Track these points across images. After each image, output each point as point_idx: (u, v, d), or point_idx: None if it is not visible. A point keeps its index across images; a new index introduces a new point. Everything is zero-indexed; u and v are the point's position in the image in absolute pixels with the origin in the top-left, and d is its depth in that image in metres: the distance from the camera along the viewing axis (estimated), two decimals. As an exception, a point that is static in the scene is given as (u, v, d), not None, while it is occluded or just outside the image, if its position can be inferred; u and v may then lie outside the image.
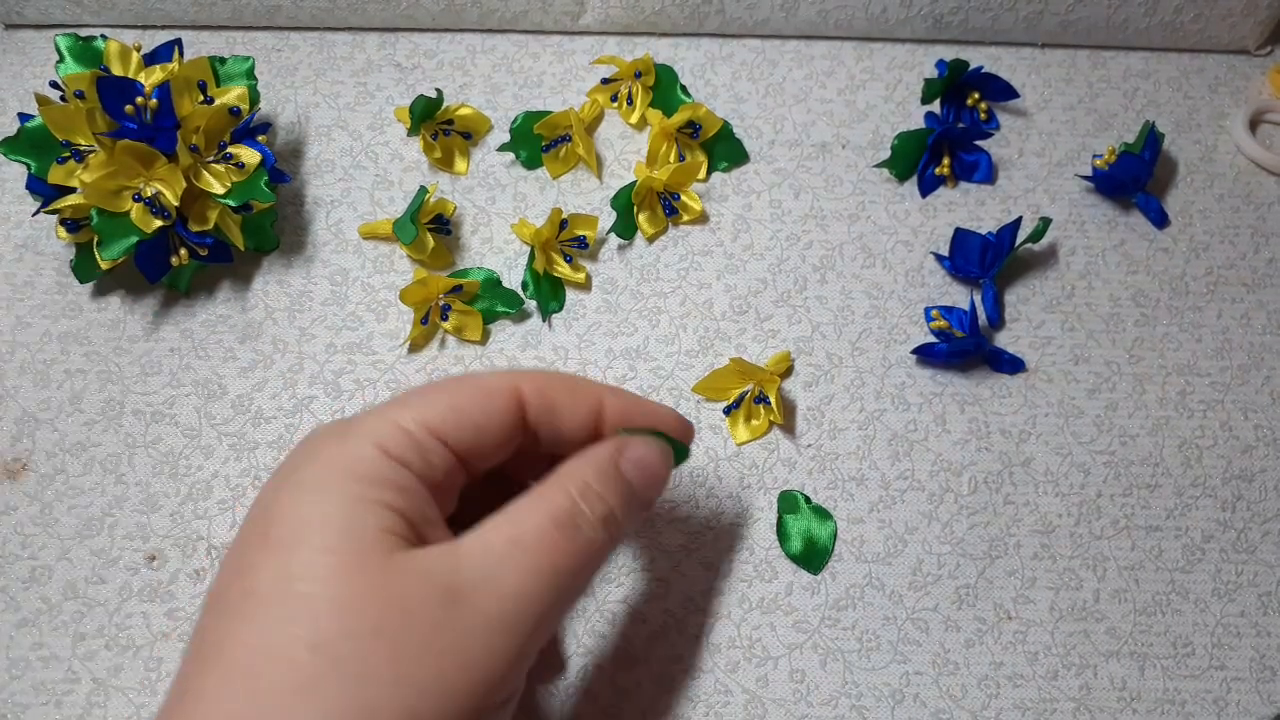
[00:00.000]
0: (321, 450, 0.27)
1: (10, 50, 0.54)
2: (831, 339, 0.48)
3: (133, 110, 0.43)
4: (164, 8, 0.54)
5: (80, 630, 0.42)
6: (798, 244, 0.50)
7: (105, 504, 0.44)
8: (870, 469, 0.46)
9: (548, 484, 0.29)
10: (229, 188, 0.45)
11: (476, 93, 0.54)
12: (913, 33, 0.55)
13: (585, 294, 0.49)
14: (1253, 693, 0.42)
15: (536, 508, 0.28)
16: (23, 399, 0.46)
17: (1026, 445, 0.46)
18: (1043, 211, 0.52)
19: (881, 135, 0.53)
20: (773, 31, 0.55)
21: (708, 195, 0.51)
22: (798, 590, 0.43)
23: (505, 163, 0.52)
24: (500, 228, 0.50)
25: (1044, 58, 0.56)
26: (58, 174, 0.44)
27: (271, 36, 0.55)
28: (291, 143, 0.52)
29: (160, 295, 0.48)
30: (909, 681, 0.42)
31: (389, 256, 0.50)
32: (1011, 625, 0.43)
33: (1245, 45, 0.56)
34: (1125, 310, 0.50)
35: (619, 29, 0.55)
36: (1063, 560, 0.44)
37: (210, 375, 0.47)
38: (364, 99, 0.53)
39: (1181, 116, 0.55)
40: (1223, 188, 0.53)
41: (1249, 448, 0.47)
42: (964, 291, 0.50)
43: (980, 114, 0.53)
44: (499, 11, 0.54)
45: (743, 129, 0.53)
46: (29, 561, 0.43)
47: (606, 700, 0.41)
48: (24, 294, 0.48)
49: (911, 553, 0.44)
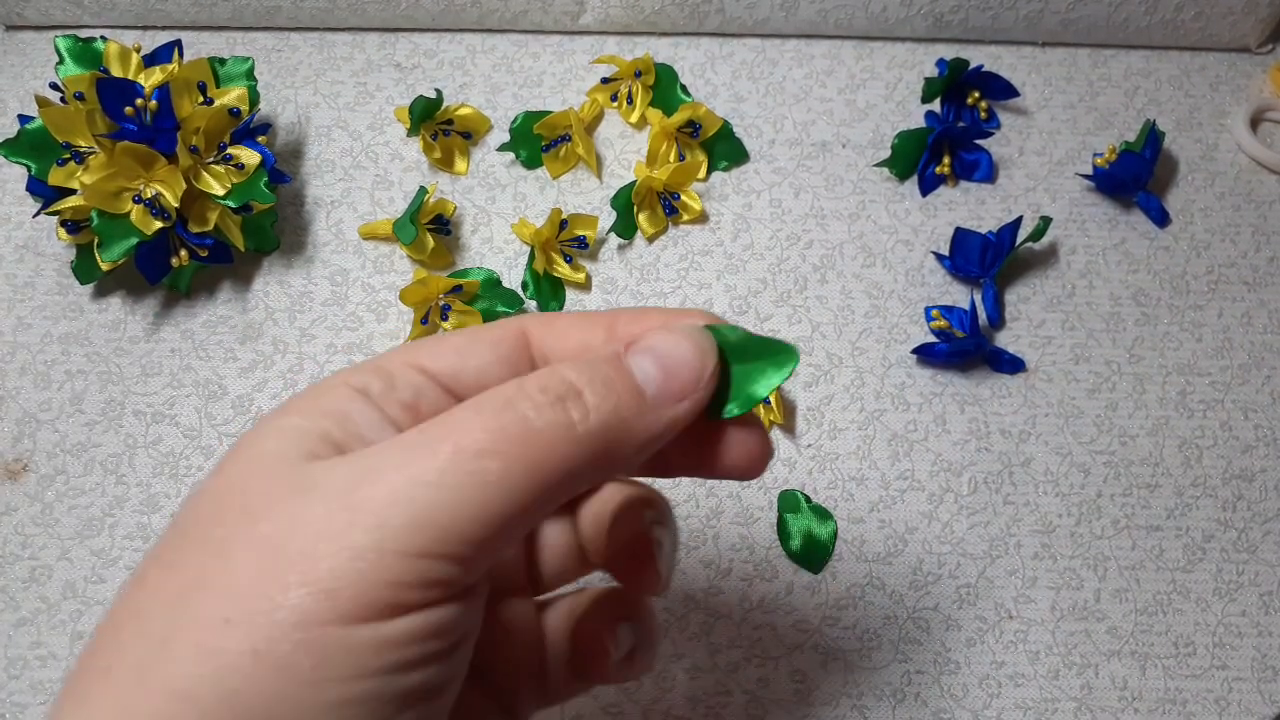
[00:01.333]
0: (299, 393, 0.25)
1: (10, 51, 0.54)
2: (831, 339, 0.48)
3: (133, 112, 0.44)
4: (164, 9, 0.54)
5: (78, 629, 0.42)
6: (798, 244, 0.50)
7: (106, 504, 0.44)
8: (870, 469, 0.46)
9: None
10: (229, 189, 0.45)
11: (476, 93, 0.54)
12: (913, 32, 0.55)
13: (585, 294, 0.49)
14: (1254, 692, 0.42)
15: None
16: (24, 400, 0.46)
17: (1026, 445, 0.46)
18: (1043, 210, 0.52)
19: (882, 134, 0.53)
20: (773, 31, 0.55)
21: (708, 195, 0.51)
22: (798, 589, 0.43)
23: (505, 162, 0.52)
24: (500, 228, 0.50)
25: (1044, 56, 0.56)
26: (58, 175, 0.44)
27: (271, 37, 0.55)
28: (291, 143, 0.52)
29: (161, 296, 0.48)
30: (910, 680, 0.42)
31: (389, 257, 0.50)
32: (1012, 624, 0.43)
33: (1246, 43, 0.56)
34: (1126, 309, 0.49)
35: (619, 29, 0.55)
36: (1063, 560, 0.44)
37: (211, 376, 0.47)
38: (364, 99, 0.53)
39: (1182, 115, 0.55)
40: (1224, 186, 0.53)
41: (1249, 447, 0.47)
42: (964, 291, 0.50)
43: (980, 113, 0.53)
44: (499, 11, 0.54)
45: (743, 128, 0.53)
46: (29, 561, 0.43)
47: (607, 699, 0.41)
48: (25, 295, 0.48)
49: (912, 552, 0.44)
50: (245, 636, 0.20)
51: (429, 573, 0.21)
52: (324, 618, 0.20)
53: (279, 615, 0.20)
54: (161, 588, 0.22)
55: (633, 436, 0.23)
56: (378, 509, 0.21)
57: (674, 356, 0.24)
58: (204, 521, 0.22)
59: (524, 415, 0.22)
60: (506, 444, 0.22)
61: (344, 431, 0.23)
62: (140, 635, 0.21)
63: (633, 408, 0.23)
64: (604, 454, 0.23)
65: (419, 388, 0.25)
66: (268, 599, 0.20)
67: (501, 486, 0.21)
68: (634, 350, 0.24)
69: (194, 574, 0.21)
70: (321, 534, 0.21)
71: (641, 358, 0.24)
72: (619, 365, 0.24)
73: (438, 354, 0.25)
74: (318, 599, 0.20)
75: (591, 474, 0.23)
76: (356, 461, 0.22)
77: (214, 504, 0.23)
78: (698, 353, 0.25)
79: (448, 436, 0.22)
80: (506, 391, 0.23)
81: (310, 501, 0.21)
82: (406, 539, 0.21)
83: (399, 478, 0.21)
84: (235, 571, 0.21)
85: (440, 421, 0.22)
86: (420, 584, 0.21)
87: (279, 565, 0.21)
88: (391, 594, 0.21)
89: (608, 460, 0.23)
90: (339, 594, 0.20)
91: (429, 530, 0.21)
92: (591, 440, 0.23)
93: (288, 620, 0.20)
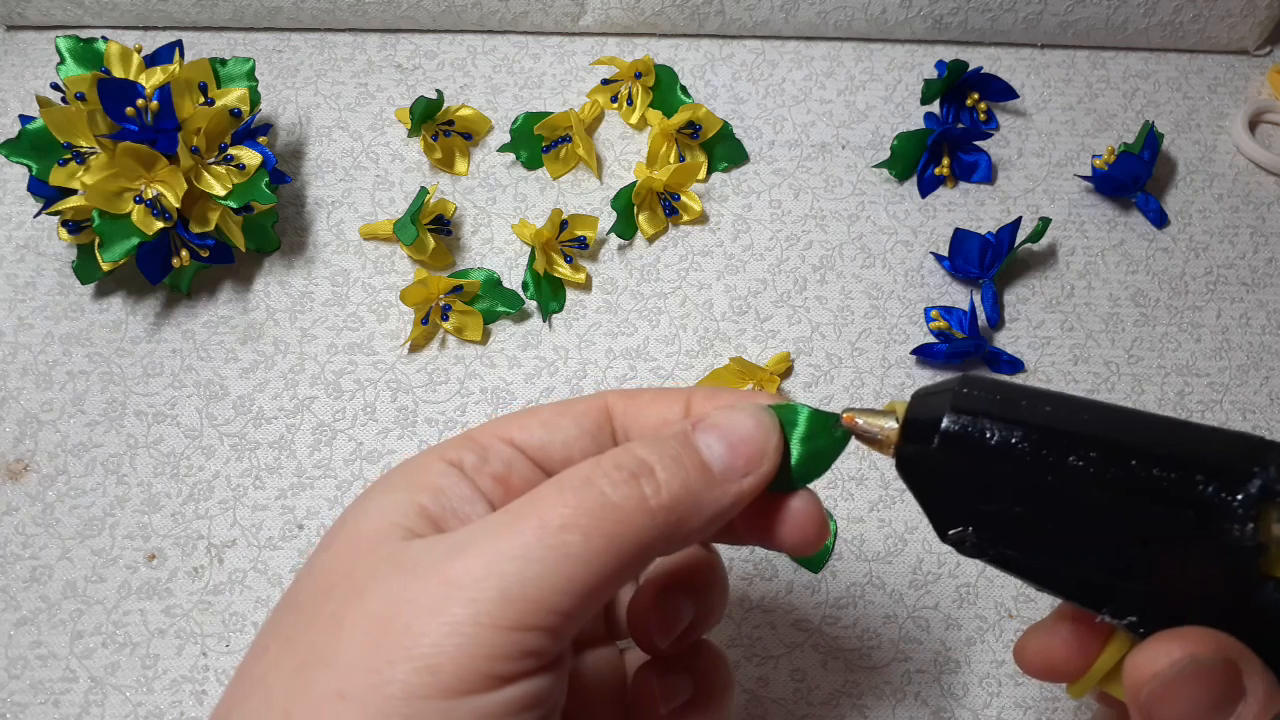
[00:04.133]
0: (399, 466, 0.27)
1: (11, 52, 0.54)
2: (831, 339, 0.48)
3: (134, 112, 0.44)
4: (165, 9, 0.54)
5: (78, 628, 0.42)
6: (797, 244, 0.51)
7: (107, 504, 0.44)
8: (870, 469, 0.46)
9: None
10: (230, 189, 0.45)
11: (477, 93, 0.54)
12: (912, 33, 0.55)
13: (585, 294, 0.49)
14: (1253, 692, 0.42)
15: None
16: (25, 400, 0.46)
17: (1026, 445, 0.46)
18: (1042, 211, 0.52)
19: (881, 136, 0.53)
20: (772, 32, 0.55)
21: (708, 195, 0.52)
22: (798, 589, 0.43)
23: (506, 163, 0.52)
24: (500, 228, 0.51)
25: (1043, 58, 0.56)
26: (59, 176, 0.44)
27: (272, 38, 0.55)
28: (292, 144, 0.52)
29: (162, 296, 0.49)
30: (910, 680, 0.42)
31: (390, 257, 0.50)
32: (1013, 624, 0.43)
33: (1244, 45, 0.56)
34: (1124, 310, 0.50)
35: (619, 30, 0.55)
36: (1063, 559, 0.44)
37: (212, 376, 0.47)
38: (365, 100, 0.53)
39: (1181, 117, 0.55)
40: (1222, 188, 0.53)
41: (1249, 447, 0.47)
42: (964, 291, 0.50)
43: (980, 114, 0.54)
44: (499, 13, 0.54)
45: (743, 129, 0.53)
46: (30, 561, 0.43)
47: (607, 700, 0.41)
48: (26, 295, 0.48)
49: (911, 551, 0.44)
50: (358, 710, 0.22)
51: (522, 644, 0.22)
52: (428, 691, 0.22)
53: (388, 690, 0.22)
54: (282, 661, 0.23)
55: (702, 509, 0.25)
56: (471, 583, 0.22)
57: (739, 434, 0.26)
58: (318, 596, 0.24)
59: (601, 491, 0.24)
60: (586, 518, 0.23)
61: (439, 505, 0.25)
62: (266, 706, 0.23)
63: (701, 482, 0.25)
64: (675, 525, 0.24)
65: (509, 460, 0.26)
66: (377, 674, 0.22)
67: (583, 558, 0.23)
68: (701, 428, 0.26)
69: (310, 649, 0.23)
70: (422, 610, 0.22)
71: (708, 435, 0.26)
72: (688, 442, 0.25)
73: (527, 427, 0.27)
74: (422, 674, 0.22)
75: (664, 544, 0.25)
76: (452, 539, 0.24)
77: (325, 579, 0.24)
78: (761, 430, 0.26)
79: (533, 513, 0.23)
80: (585, 470, 0.24)
81: (412, 579, 0.23)
82: (499, 612, 0.22)
83: (489, 553, 0.23)
84: (347, 647, 0.22)
85: (527, 499, 0.24)
86: (516, 655, 0.22)
87: (386, 641, 0.22)
88: (489, 666, 0.22)
89: (679, 531, 0.25)
90: (441, 668, 0.22)
91: (520, 603, 0.22)
92: (664, 513, 0.24)
93: (396, 695, 0.21)
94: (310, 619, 0.24)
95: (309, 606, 0.24)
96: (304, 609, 0.24)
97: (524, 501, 0.24)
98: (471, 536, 0.23)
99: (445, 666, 0.22)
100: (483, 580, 0.22)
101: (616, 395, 0.28)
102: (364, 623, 0.23)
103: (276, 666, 0.23)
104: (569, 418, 0.27)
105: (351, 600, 0.23)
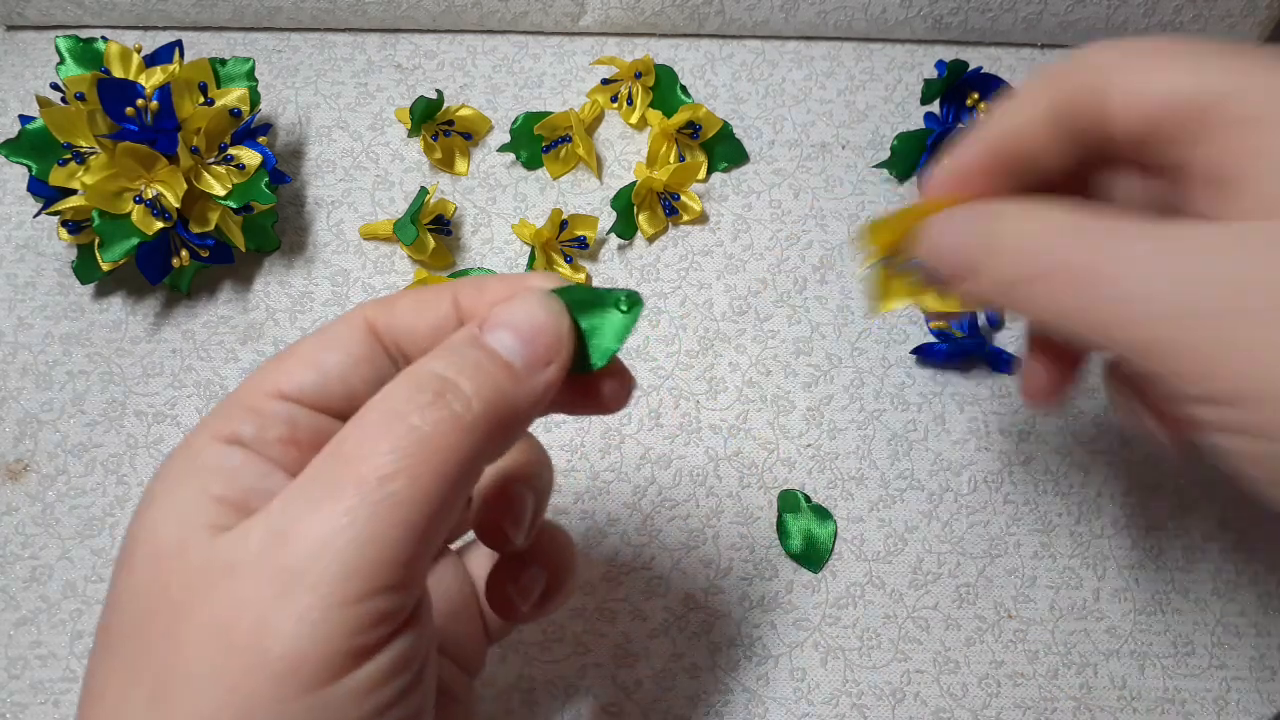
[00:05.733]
0: (172, 457, 0.25)
1: (11, 52, 0.54)
2: (831, 339, 0.48)
3: (133, 112, 0.44)
4: (164, 9, 0.54)
5: (79, 629, 0.42)
6: (798, 244, 0.51)
7: (107, 504, 0.44)
8: (870, 468, 0.46)
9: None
10: (230, 189, 0.45)
11: (477, 93, 0.54)
12: (912, 33, 0.55)
13: (585, 294, 0.49)
14: (1253, 692, 0.42)
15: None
16: (25, 400, 0.46)
17: (1026, 445, 0.46)
18: (1042, 211, 0.52)
19: (881, 135, 0.53)
20: (772, 32, 0.55)
21: (707, 195, 0.52)
22: (798, 589, 0.43)
23: (506, 163, 0.52)
24: (501, 228, 0.51)
25: (1044, 58, 0.56)
26: (59, 176, 0.44)
27: (272, 38, 0.55)
28: (292, 144, 0.52)
29: (162, 296, 0.49)
30: (910, 680, 0.42)
31: (390, 257, 0.50)
32: (1012, 624, 0.43)
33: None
34: (1125, 310, 0.50)
35: (619, 30, 0.55)
36: (1063, 559, 0.44)
37: (212, 376, 0.47)
38: (364, 100, 0.53)
39: (1181, 116, 0.55)
40: (1222, 187, 0.53)
41: (1249, 447, 0.47)
42: (964, 291, 0.50)
43: (980, 114, 0.54)
44: (499, 12, 0.54)
45: (742, 129, 0.53)
46: (30, 561, 0.43)
47: (607, 698, 0.41)
48: (26, 295, 0.48)
49: (912, 551, 0.44)
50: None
51: (377, 609, 0.21)
52: (296, 691, 0.20)
53: (254, 702, 0.20)
54: (128, 696, 0.21)
55: (518, 410, 0.24)
56: (306, 566, 0.21)
57: (531, 325, 0.25)
58: (140, 622, 0.22)
59: (411, 425, 0.22)
60: (405, 459, 0.22)
61: (235, 489, 0.23)
62: None
63: (509, 383, 0.24)
64: (495, 433, 0.23)
65: (289, 417, 0.24)
66: (235, 691, 0.20)
67: (414, 501, 0.21)
68: (490, 327, 0.25)
69: (156, 678, 0.21)
70: (263, 610, 0.21)
71: (500, 332, 0.25)
72: (482, 345, 0.24)
73: (292, 373, 0.25)
74: (284, 677, 0.20)
75: (490, 455, 0.24)
76: (265, 523, 0.22)
77: (137, 605, 0.22)
78: (551, 318, 0.25)
79: (347, 471, 0.22)
80: (385, 404, 0.23)
81: (237, 579, 0.21)
82: (345, 587, 0.21)
83: (315, 528, 0.21)
84: (196, 664, 0.21)
85: (334, 455, 0.22)
86: (373, 623, 0.21)
87: (235, 651, 0.20)
88: (349, 644, 0.21)
89: (500, 436, 0.24)
90: (303, 665, 0.20)
91: (363, 570, 0.21)
92: (482, 425, 0.23)
93: (261, 705, 0.20)
94: (144, 647, 0.22)
95: (135, 636, 0.22)
96: (130, 639, 0.22)
97: (331, 458, 0.22)
98: (288, 516, 0.21)
99: (306, 661, 0.20)
100: (318, 559, 0.21)
101: (374, 306, 0.26)
102: (203, 636, 0.21)
103: (125, 704, 0.21)
104: (333, 349, 0.25)
105: (179, 620, 0.21)
